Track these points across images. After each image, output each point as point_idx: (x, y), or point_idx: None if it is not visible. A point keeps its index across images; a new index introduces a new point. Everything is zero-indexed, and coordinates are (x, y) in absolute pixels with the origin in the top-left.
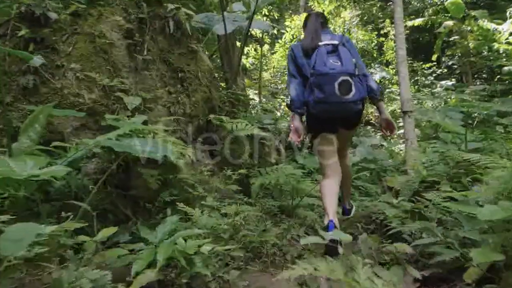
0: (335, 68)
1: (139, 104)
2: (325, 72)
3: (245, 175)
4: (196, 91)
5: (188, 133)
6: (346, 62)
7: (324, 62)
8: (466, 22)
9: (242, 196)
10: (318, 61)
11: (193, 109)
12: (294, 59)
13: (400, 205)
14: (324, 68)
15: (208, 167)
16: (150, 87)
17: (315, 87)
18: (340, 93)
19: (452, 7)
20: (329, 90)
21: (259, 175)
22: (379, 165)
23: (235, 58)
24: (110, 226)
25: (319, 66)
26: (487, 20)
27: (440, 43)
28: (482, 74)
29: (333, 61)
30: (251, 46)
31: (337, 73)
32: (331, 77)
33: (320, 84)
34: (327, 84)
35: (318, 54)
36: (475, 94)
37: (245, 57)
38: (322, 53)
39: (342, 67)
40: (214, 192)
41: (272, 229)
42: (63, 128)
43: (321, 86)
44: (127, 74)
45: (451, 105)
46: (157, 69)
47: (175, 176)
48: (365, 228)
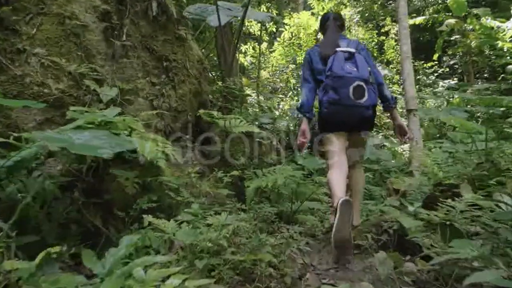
0: (352, 73)
1: (115, 95)
2: (341, 75)
3: (240, 177)
4: (184, 83)
5: (173, 129)
6: (362, 69)
7: (342, 66)
8: (468, 21)
9: (235, 201)
10: (335, 64)
11: (179, 103)
12: (310, 64)
13: (416, 212)
14: (341, 71)
15: (196, 169)
16: (130, 77)
17: (330, 88)
18: (354, 97)
19: (454, 5)
20: (343, 93)
21: (255, 177)
22: (383, 166)
23: (231, 52)
24: (72, 240)
25: (336, 69)
26: (491, 18)
27: (441, 42)
28: (483, 74)
29: (349, 66)
30: (249, 44)
31: (353, 78)
32: (346, 80)
33: (336, 86)
34: (342, 87)
35: (336, 58)
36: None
37: (243, 56)
38: (339, 58)
39: (358, 72)
40: (203, 197)
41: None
42: (23, 123)
43: (336, 88)
44: (103, 62)
45: (454, 104)
46: (138, 57)
47: (155, 179)
48: (376, 239)
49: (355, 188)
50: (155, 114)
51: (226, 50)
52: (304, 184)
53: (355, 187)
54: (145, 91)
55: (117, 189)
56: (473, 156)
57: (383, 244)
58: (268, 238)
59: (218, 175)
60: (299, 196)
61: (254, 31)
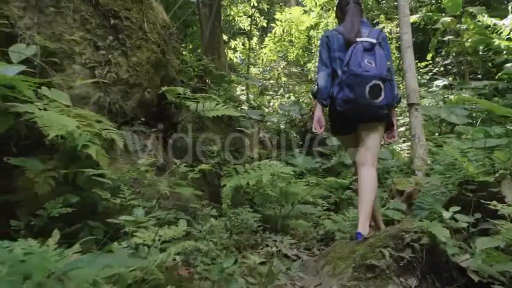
0: (369, 71)
1: (33, 56)
2: (358, 73)
3: (216, 174)
4: (140, 49)
5: (124, 109)
6: (381, 66)
7: (359, 63)
8: (463, 20)
9: (206, 204)
10: (353, 59)
11: (132, 74)
12: (328, 49)
13: (454, 223)
14: (359, 69)
15: (150, 161)
16: (61, 35)
17: (346, 86)
18: (370, 97)
19: (449, 4)
20: (359, 92)
21: (235, 174)
22: (382, 165)
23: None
24: None
25: (354, 66)
26: (487, 16)
27: (435, 42)
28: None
29: (367, 61)
30: (238, 40)
31: (370, 76)
32: (363, 79)
33: (352, 84)
34: (358, 85)
35: (354, 51)
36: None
37: (233, 52)
38: (358, 51)
39: (376, 70)
40: (158, 199)
41: (242, 265)
42: None
43: (352, 86)
44: (20, 11)
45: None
46: (75, 10)
47: (82, 173)
48: (396, 257)
49: (366, 182)
50: (93, 85)
51: (203, 21)
52: (296, 184)
53: (366, 181)
54: (84, 56)
55: (25, 186)
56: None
57: (406, 264)
58: (247, 256)
59: (181, 169)
60: (289, 198)
61: (244, 26)
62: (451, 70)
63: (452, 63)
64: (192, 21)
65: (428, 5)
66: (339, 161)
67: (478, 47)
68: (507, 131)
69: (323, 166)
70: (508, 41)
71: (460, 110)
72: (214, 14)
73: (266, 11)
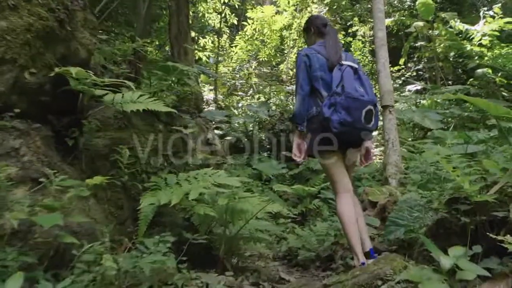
0: (364, 96)
1: None
2: (356, 97)
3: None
4: (14, 11)
5: None
6: (371, 91)
7: (355, 87)
8: (435, 25)
9: (107, 231)
10: (347, 82)
11: (1, 45)
12: (308, 69)
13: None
14: (356, 93)
15: (14, 170)
16: None
17: (342, 108)
18: (365, 121)
19: (422, 8)
20: (357, 116)
21: (164, 186)
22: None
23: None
24: None
25: (350, 89)
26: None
27: (408, 47)
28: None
29: (357, 86)
30: (208, 38)
31: (366, 101)
32: (361, 103)
33: (350, 107)
34: (356, 109)
35: (346, 74)
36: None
37: (202, 50)
38: (349, 74)
39: (369, 96)
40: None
41: None
42: None
43: (350, 110)
44: None
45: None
46: None
47: None
48: None
49: (359, 212)
50: None
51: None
52: (246, 200)
53: (358, 211)
54: None
55: None
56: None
57: None
58: None
59: (57, 182)
60: (236, 218)
61: (214, 23)
62: (423, 76)
63: (424, 68)
64: (158, 16)
65: (401, 10)
66: (307, 166)
67: (450, 53)
68: (490, 137)
69: (290, 172)
70: (479, 47)
71: (434, 114)
72: (181, 9)
73: (236, 8)
